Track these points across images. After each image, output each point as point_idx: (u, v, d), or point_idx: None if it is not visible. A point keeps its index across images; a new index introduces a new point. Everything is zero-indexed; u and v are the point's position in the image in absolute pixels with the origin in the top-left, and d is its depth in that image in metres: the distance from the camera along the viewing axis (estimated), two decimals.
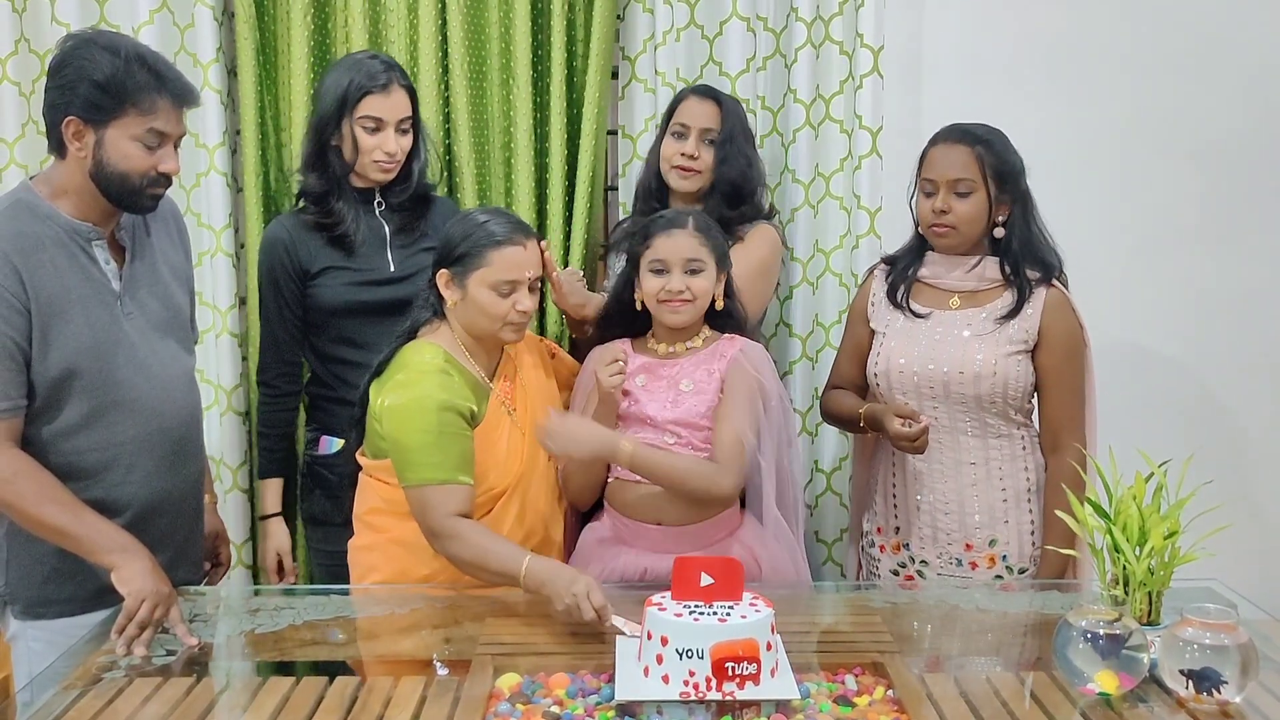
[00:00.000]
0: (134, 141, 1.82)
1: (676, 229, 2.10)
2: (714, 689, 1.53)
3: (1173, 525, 1.66)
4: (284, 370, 2.39)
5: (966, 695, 1.60)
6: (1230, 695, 1.52)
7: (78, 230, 1.87)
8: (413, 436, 1.94)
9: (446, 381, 1.98)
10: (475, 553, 1.90)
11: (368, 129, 2.27)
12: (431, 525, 1.93)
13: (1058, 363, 2.18)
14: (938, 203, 2.16)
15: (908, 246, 2.32)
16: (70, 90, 1.79)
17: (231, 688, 1.69)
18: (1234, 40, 2.78)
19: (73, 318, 1.84)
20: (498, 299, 2.00)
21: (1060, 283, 2.22)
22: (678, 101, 2.46)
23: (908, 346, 2.22)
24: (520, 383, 2.13)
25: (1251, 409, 2.90)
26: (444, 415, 1.95)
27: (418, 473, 1.94)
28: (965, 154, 2.16)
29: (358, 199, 2.35)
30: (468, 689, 1.61)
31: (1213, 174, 2.82)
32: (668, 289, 2.08)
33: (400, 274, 2.30)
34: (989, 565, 2.22)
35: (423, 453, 1.94)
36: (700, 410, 2.09)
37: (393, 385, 1.99)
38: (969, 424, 2.20)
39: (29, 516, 1.81)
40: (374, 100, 2.25)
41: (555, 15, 2.61)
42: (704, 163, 2.40)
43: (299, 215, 2.35)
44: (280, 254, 2.32)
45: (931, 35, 2.78)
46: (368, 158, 2.28)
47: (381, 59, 2.32)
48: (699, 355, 2.14)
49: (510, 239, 2.00)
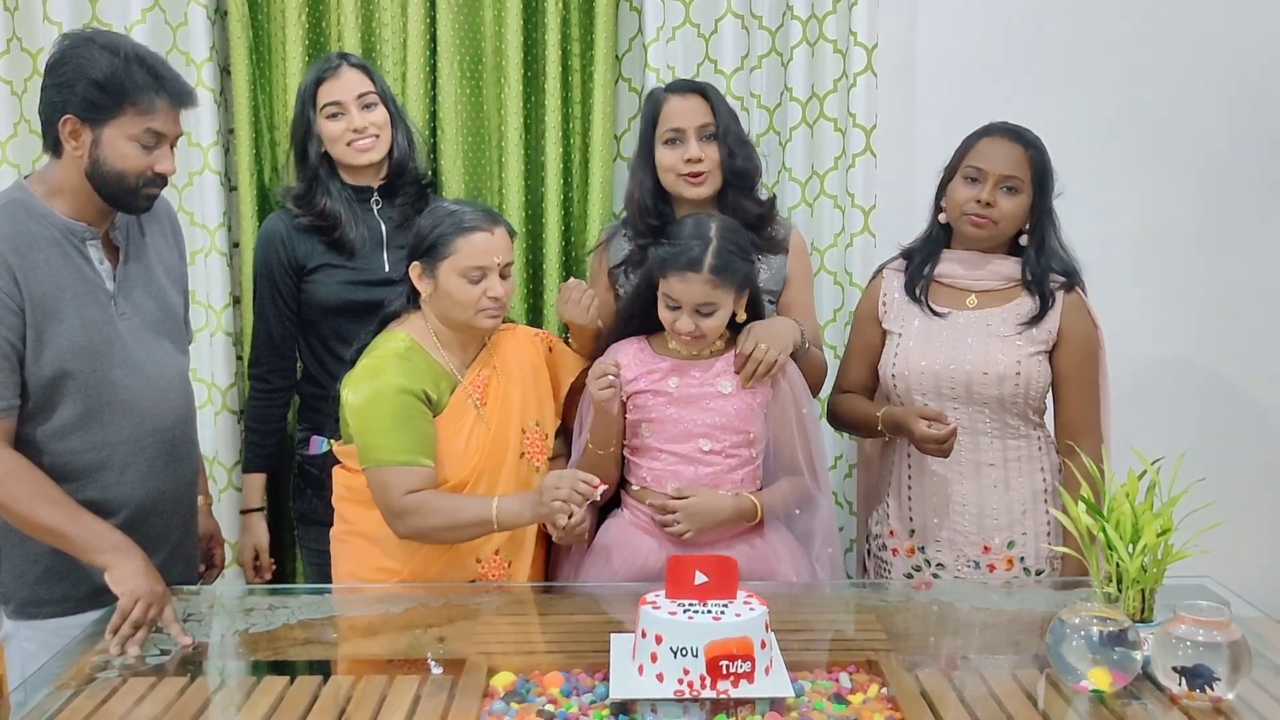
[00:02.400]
0: (131, 141, 1.81)
1: (692, 273, 2.00)
2: (708, 687, 1.53)
3: (1165, 523, 1.67)
4: (277, 365, 2.39)
5: (961, 692, 1.60)
6: (1223, 692, 1.52)
7: (72, 230, 1.86)
8: (372, 419, 1.96)
9: (405, 366, 2.00)
10: (441, 518, 1.93)
11: (330, 116, 2.30)
12: (391, 506, 1.94)
13: (1075, 364, 2.18)
14: (984, 194, 2.14)
15: (925, 237, 2.27)
16: (68, 89, 1.78)
17: (225, 687, 1.69)
18: (1228, 39, 2.78)
19: (67, 318, 1.83)
20: (468, 286, 2.00)
21: (1079, 288, 2.21)
22: (657, 105, 2.24)
23: (927, 347, 2.20)
24: (499, 378, 2.11)
25: (1246, 407, 2.91)
26: (402, 398, 1.97)
27: (376, 454, 1.96)
28: (1019, 153, 2.15)
29: (353, 198, 2.35)
30: (462, 688, 1.61)
31: (1208, 173, 2.83)
32: (677, 327, 2.05)
33: (395, 276, 2.30)
34: (1006, 567, 2.22)
35: (382, 435, 1.96)
36: (739, 413, 2.08)
37: (357, 371, 2.02)
38: (989, 425, 2.19)
39: (23, 517, 1.81)
40: (328, 86, 2.30)
41: (550, 13, 2.60)
42: (710, 162, 2.22)
43: (295, 215, 2.35)
44: (277, 247, 2.32)
45: (925, 34, 2.78)
46: (340, 144, 2.30)
47: (336, 54, 2.39)
48: (728, 357, 2.12)
49: (477, 225, 2.01)
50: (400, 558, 2.03)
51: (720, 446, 2.09)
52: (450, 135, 2.61)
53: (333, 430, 2.28)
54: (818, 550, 2.16)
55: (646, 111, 2.28)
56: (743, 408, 2.09)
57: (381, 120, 2.32)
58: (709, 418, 2.09)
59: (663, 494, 2.10)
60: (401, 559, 2.02)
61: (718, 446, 2.09)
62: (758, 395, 2.10)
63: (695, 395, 2.10)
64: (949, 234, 2.25)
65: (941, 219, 2.24)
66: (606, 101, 2.64)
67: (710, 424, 2.09)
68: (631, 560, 2.10)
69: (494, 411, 2.08)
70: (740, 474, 2.11)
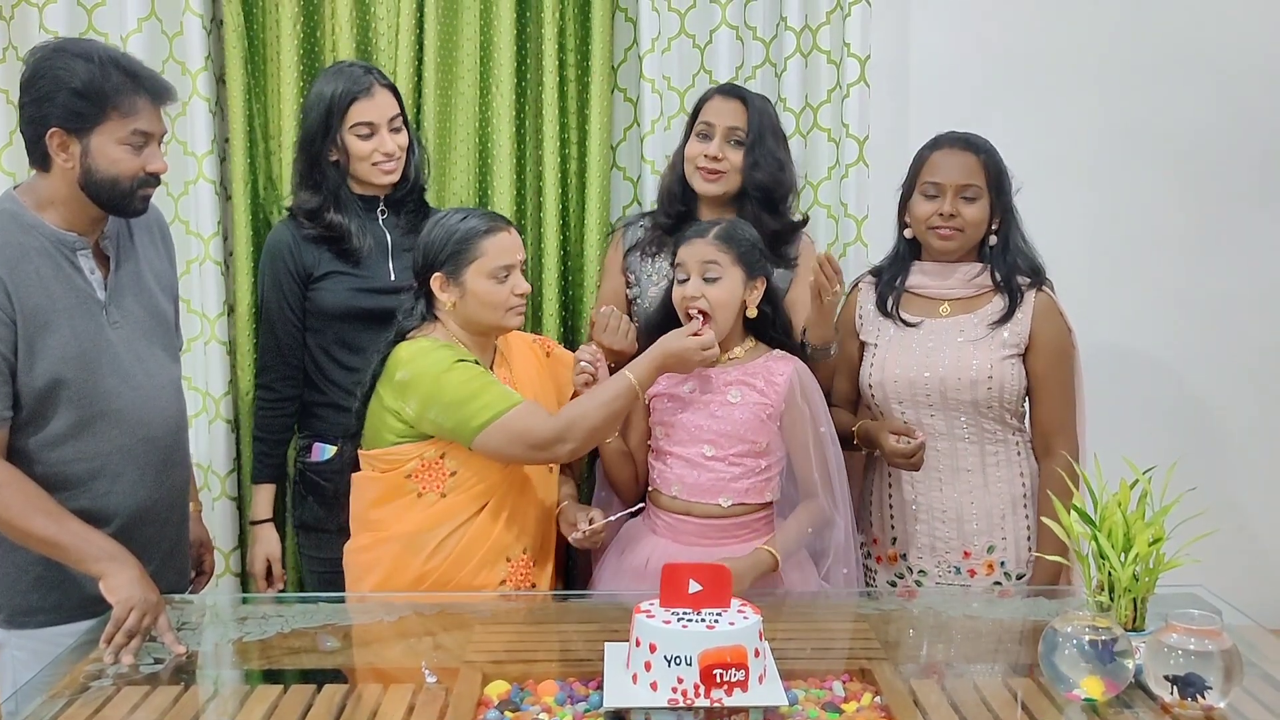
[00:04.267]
0: (120, 145, 1.81)
1: (697, 237, 2.11)
2: (702, 696, 1.53)
3: (1157, 532, 1.68)
4: (285, 373, 2.38)
5: (953, 701, 1.61)
6: (1214, 701, 1.52)
7: (63, 240, 1.86)
8: (456, 391, 1.96)
9: (451, 349, 2.02)
10: (596, 412, 1.98)
11: (361, 136, 2.28)
12: (542, 437, 1.96)
13: (1048, 366, 2.20)
14: (945, 206, 2.17)
15: (894, 255, 2.32)
16: (48, 102, 1.78)
17: (219, 696, 1.69)
18: (1214, 49, 2.81)
19: (58, 328, 1.83)
20: (497, 286, 2.03)
21: (1046, 287, 2.24)
22: (703, 101, 2.38)
23: (901, 356, 2.23)
24: (513, 383, 2.13)
25: (1234, 414, 2.93)
26: (468, 366, 2.00)
27: (483, 413, 1.95)
28: (972, 160, 2.18)
29: (361, 208, 2.35)
30: (456, 697, 1.61)
31: (1192, 180, 2.85)
32: (686, 291, 2.09)
33: (399, 284, 2.30)
34: (988, 572, 2.23)
35: (476, 397, 1.96)
36: (745, 423, 2.09)
37: (407, 371, 2.00)
38: (966, 430, 2.21)
39: (16, 528, 1.80)
40: (361, 105, 2.27)
41: (546, 24, 2.62)
42: (729, 164, 2.30)
43: (304, 226, 2.34)
44: (285, 256, 2.32)
45: (917, 45, 2.80)
46: (366, 163, 2.30)
47: (359, 65, 2.35)
48: (746, 367, 2.13)
49: (496, 226, 2.07)
50: (438, 557, 2.01)
51: (723, 453, 2.09)
52: (445, 145, 2.61)
53: (334, 437, 2.28)
54: (829, 568, 2.15)
55: (695, 105, 2.41)
56: (750, 418, 2.09)
57: (405, 143, 2.34)
58: (715, 424, 2.10)
59: (668, 497, 2.12)
60: (439, 558, 2.01)
61: (720, 453, 2.10)
62: (766, 406, 2.10)
63: (705, 400, 2.12)
64: (916, 249, 2.28)
65: (907, 234, 2.27)
66: (603, 112, 2.64)
67: (716, 430, 2.10)
68: (642, 560, 2.12)
69: None
70: (745, 484, 2.10)
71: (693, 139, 2.36)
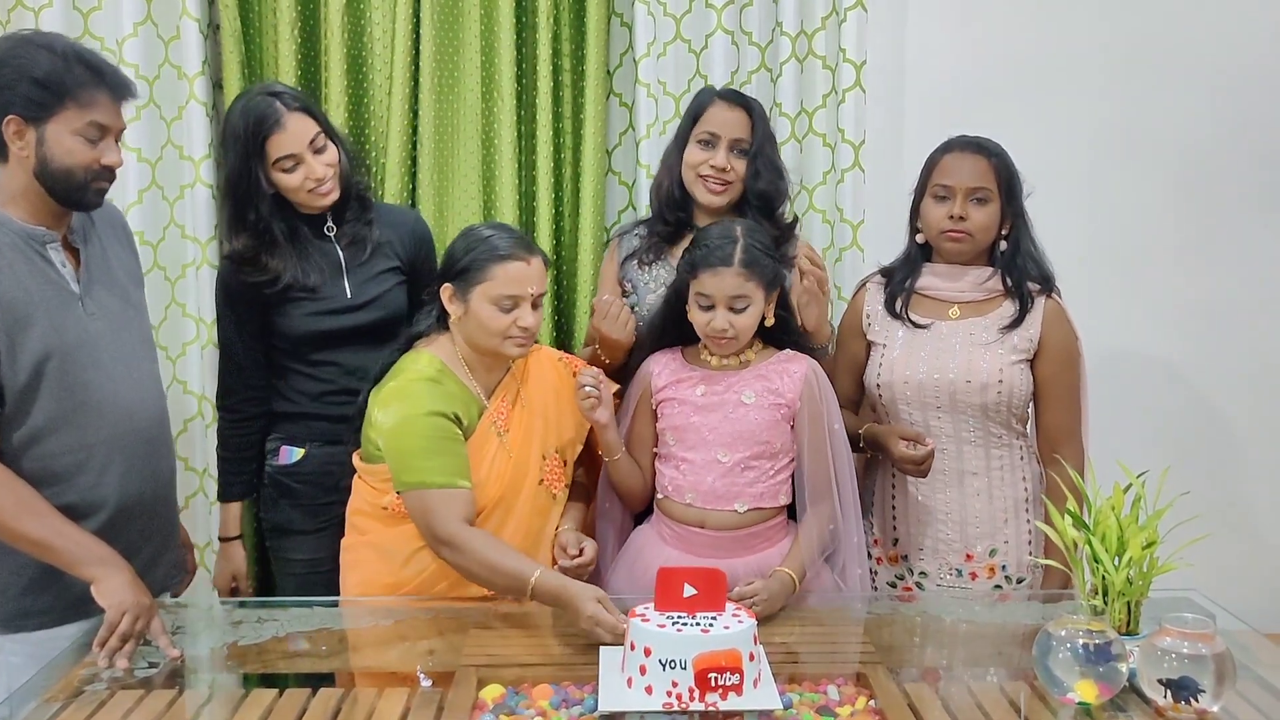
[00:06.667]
0: (75, 136, 1.82)
1: (723, 267, 2.02)
2: (697, 700, 1.53)
3: (1151, 536, 1.68)
4: (248, 395, 2.33)
5: (948, 705, 1.61)
6: (1208, 704, 1.53)
7: (32, 235, 1.86)
8: (409, 441, 1.94)
9: (436, 390, 1.98)
10: (481, 568, 1.89)
11: (286, 169, 2.17)
12: (436, 532, 1.91)
13: (1056, 371, 2.20)
14: (955, 209, 2.17)
15: (905, 257, 2.31)
16: (9, 90, 1.79)
17: (214, 700, 1.68)
18: (1211, 54, 2.82)
19: (38, 321, 1.83)
20: (499, 314, 1.98)
21: (1055, 294, 2.24)
22: (702, 106, 2.31)
23: (911, 358, 2.22)
24: (522, 406, 2.10)
25: (1231, 419, 2.93)
26: (437, 421, 1.95)
27: (416, 475, 1.93)
28: (983, 164, 2.18)
29: (308, 232, 2.26)
30: (451, 700, 1.61)
31: (1190, 186, 2.86)
32: (713, 325, 2.05)
33: (357, 301, 2.26)
34: (989, 576, 2.23)
35: (421, 457, 1.93)
36: (760, 424, 2.07)
37: (386, 393, 1.99)
38: (973, 434, 2.21)
39: (7, 530, 1.80)
40: (277, 140, 2.15)
41: (541, 29, 2.62)
42: (735, 174, 2.28)
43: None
44: (236, 290, 2.25)
45: (913, 50, 2.81)
46: (300, 193, 2.20)
47: (264, 91, 2.20)
48: (758, 368, 2.12)
49: (513, 254, 1.99)
50: (410, 568, 2.00)
51: (738, 458, 2.07)
52: (445, 152, 2.61)
53: (302, 440, 2.28)
54: (843, 568, 2.14)
55: (692, 107, 2.34)
56: (765, 419, 2.07)
57: (333, 159, 2.21)
58: (728, 426, 2.07)
59: (682, 505, 2.10)
60: (412, 570, 2.00)
61: (735, 458, 2.07)
62: (782, 405, 2.09)
63: (717, 403, 2.09)
64: (928, 252, 2.28)
65: (919, 239, 2.27)
66: (598, 116, 2.65)
67: (729, 433, 2.07)
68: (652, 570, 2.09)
69: (516, 439, 2.06)
70: (759, 488, 2.08)
71: (693, 146, 2.30)
